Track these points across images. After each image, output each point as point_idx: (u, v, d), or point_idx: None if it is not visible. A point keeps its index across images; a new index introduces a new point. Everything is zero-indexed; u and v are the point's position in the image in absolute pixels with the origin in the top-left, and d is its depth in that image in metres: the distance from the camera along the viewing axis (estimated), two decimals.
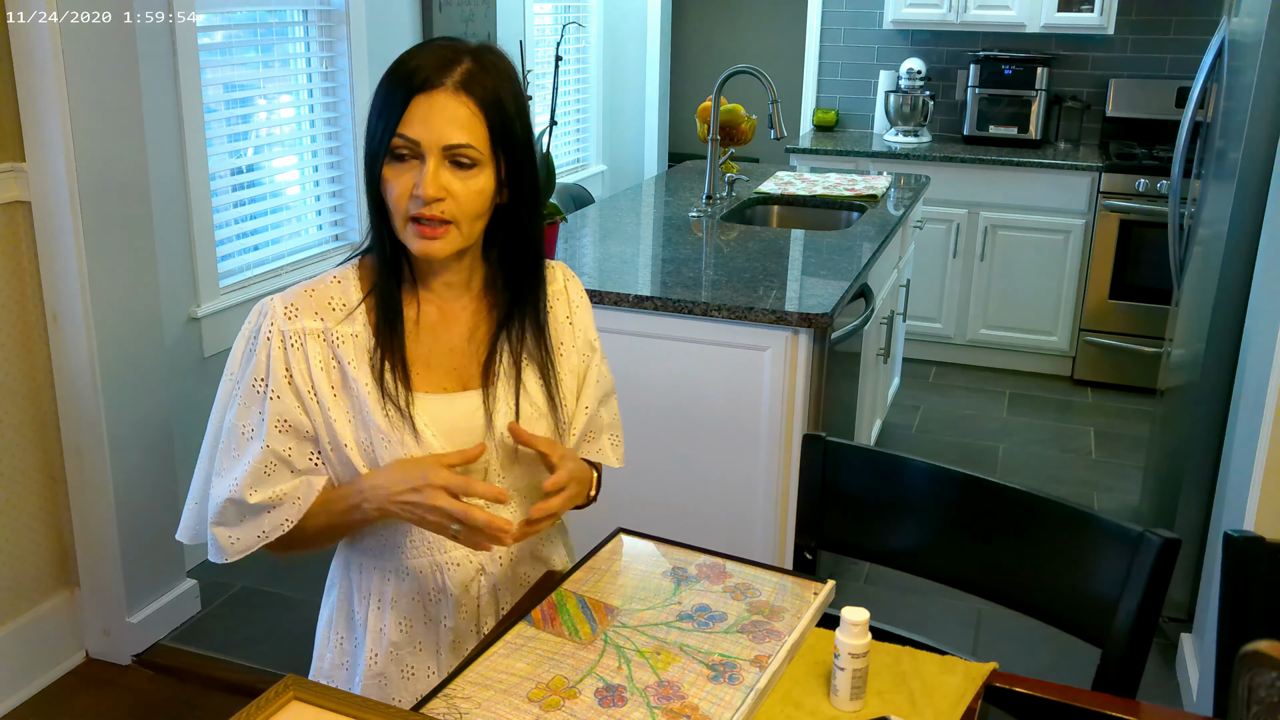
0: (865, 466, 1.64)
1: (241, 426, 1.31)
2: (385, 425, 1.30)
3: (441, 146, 1.24)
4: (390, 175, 1.26)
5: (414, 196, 1.24)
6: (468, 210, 1.27)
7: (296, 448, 1.31)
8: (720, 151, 3.59)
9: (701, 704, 1.15)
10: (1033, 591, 1.49)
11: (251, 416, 1.31)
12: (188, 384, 2.99)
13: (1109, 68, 4.96)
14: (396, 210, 1.27)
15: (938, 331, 4.85)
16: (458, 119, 1.24)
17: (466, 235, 1.29)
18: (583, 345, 1.48)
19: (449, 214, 1.26)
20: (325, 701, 1.13)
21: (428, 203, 1.24)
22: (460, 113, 1.24)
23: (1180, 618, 2.83)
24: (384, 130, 1.25)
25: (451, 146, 1.24)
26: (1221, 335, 2.66)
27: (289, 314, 1.31)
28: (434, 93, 1.24)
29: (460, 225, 1.27)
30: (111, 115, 2.44)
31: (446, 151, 1.24)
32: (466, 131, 1.24)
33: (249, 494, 1.30)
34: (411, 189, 1.25)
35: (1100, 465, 3.91)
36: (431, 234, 1.26)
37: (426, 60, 1.25)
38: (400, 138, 1.24)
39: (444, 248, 1.28)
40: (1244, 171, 2.55)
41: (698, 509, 2.60)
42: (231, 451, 1.32)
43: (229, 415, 1.33)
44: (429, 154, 1.24)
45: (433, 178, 1.24)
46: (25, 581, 2.54)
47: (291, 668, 1.48)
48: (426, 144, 1.24)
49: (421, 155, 1.24)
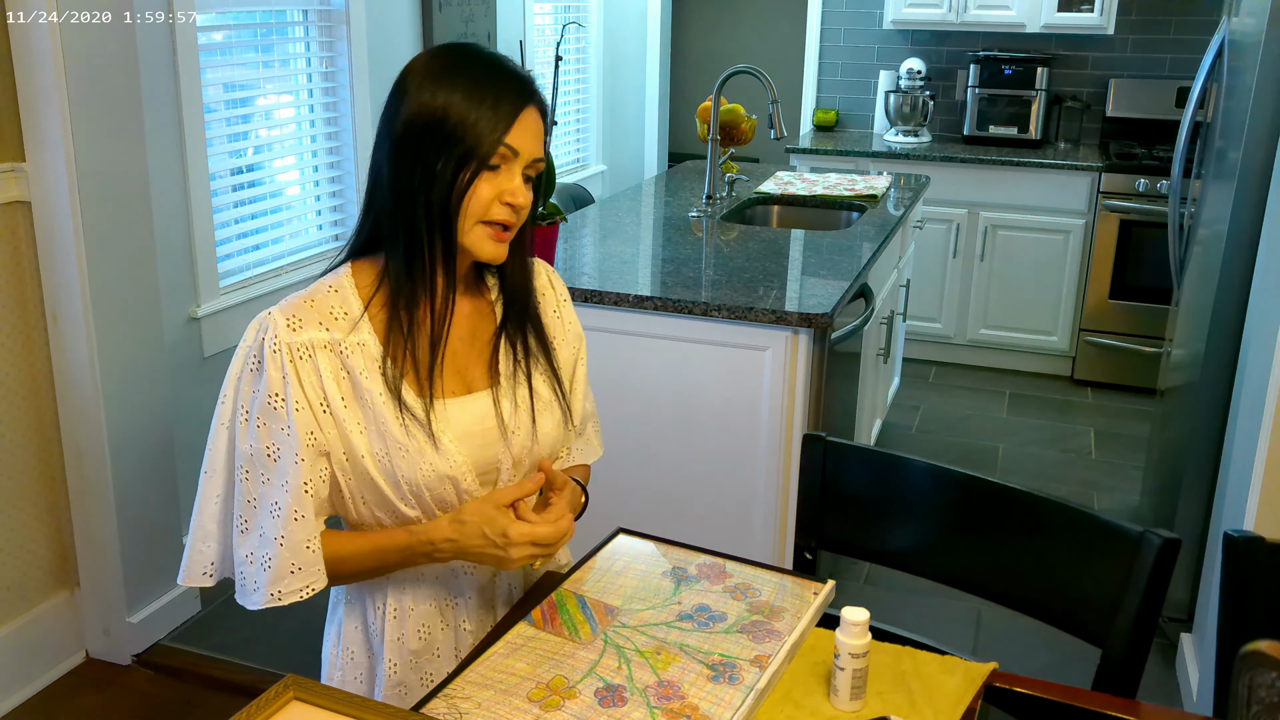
0: (865, 466, 1.64)
1: (266, 448, 1.27)
2: (402, 435, 1.28)
3: (533, 159, 1.30)
4: (484, 185, 1.27)
5: (504, 204, 1.28)
6: (524, 220, 1.33)
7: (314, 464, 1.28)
8: (720, 151, 3.59)
9: (701, 704, 1.15)
10: (1033, 591, 1.49)
11: (275, 435, 1.27)
12: (188, 384, 2.99)
13: (1109, 68, 4.96)
14: (474, 214, 1.28)
15: (938, 331, 4.85)
16: (540, 135, 1.31)
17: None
18: (572, 338, 1.50)
19: (518, 221, 1.32)
20: (325, 701, 1.13)
21: (518, 211, 1.29)
22: (540, 129, 1.31)
23: (1180, 618, 2.83)
24: (490, 137, 1.25)
25: (537, 160, 1.30)
26: (1221, 335, 2.66)
27: (292, 326, 1.28)
28: (531, 109, 1.29)
29: (515, 231, 1.33)
30: (111, 115, 2.44)
31: (532, 165, 1.30)
32: (543, 146, 1.32)
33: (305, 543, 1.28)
34: (497, 196, 1.28)
35: (1100, 465, 3.91)
36: (503, 238, 1.31)
37: (509, 72, 1.29)
38: (507, 147, 1.27)
39: (507, 250, 1.33)
40: (1244, 171, 2.55)
41: (698, 509, 2.60)
42: (259, 478, 1.27)
43: (247, 442, 1.28)
44: (518, 165, 1.28)
45: (523, 189, 1.29)
46: (25, 581, 2.54)
47: (291, 668, 1.48)
48: (525, 155, 1.28)
49: (510, 165, 1.28)
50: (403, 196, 1.27)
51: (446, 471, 1.31)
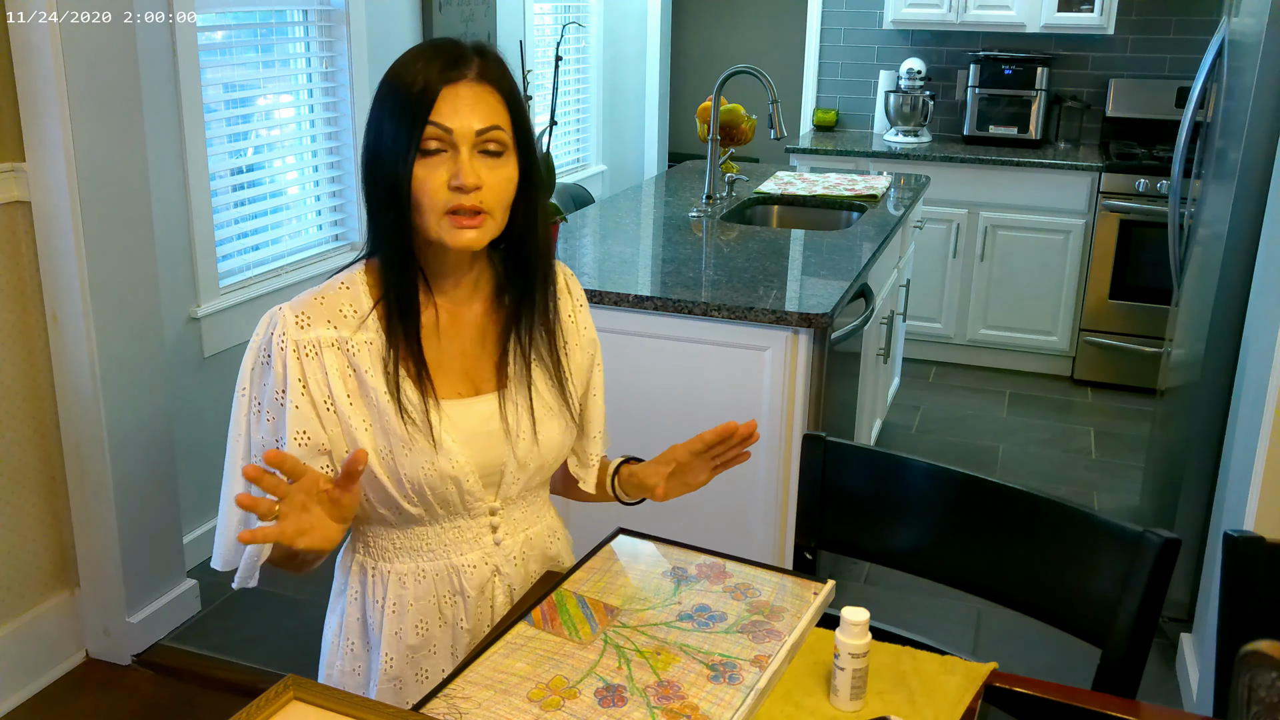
0: (865, 466, 1.64)
1: (277, 441, 1.30)
2: (404, 433, 1.29)
3: (475, 131, 1.24)
4: (423, 172, 1.25)
5: (452, 188, 1.24)
6: (501, 199, 1.28)
7: (312, 462, 1.29)
8: (720, 151, 3.59)
9: (701, 704, 1.15)
10: (1033, 591, 1.49)
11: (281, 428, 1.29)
12: (188, 384, 2.99)
13: (1109, 68, 4.96)
14: (432, 206, 1.25)
15: (938, 331, 4.85)
16: (485, 103, 1.26)
17: (499, 225, 1.30)
18: (586, 343, 1.49)
19: (485, 204, 1.26)
20: (325, 701, 1.13)
21: (467, 191, 1.24)
22: (486, 98, 1.26)
23: (1180, 618, 2.83)
24: (413, 124, 1.24)
25: (484, 130, 1.25)
26: (1221, 335, 2.66)
27: (301, 323, 1.29)
28: (459, 84, 1.25)
29: (494, 215, 1.28)
30: (111, 115, 2.44)
31: (479, 137, 1.25)
32: (495, 115, 1.26)
33: None
34: (447, 181, 1.24)
35: (1100, 465, 3.91)
36: (469, 224, 1.26)
37: (438, 55, 1.26)
38: (434, 124, 1.23)
39: (481, 237, 1.27)
40: (1244, 171, 2.55)
41: (698, 509, 2.59)
42: None
43: (260, 433, 1.30)
44: (461, 144, 1.24)
45: (469, 167, 1.24)
46: (25, 581, 2.54)
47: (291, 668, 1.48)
48: (460, 132, 1.24)
49: (453, 146, 1.24)
50: (371, 197, 1.30)
51: (449, 472, 1.31)
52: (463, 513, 1.37)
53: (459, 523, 1.38)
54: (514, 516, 1.42)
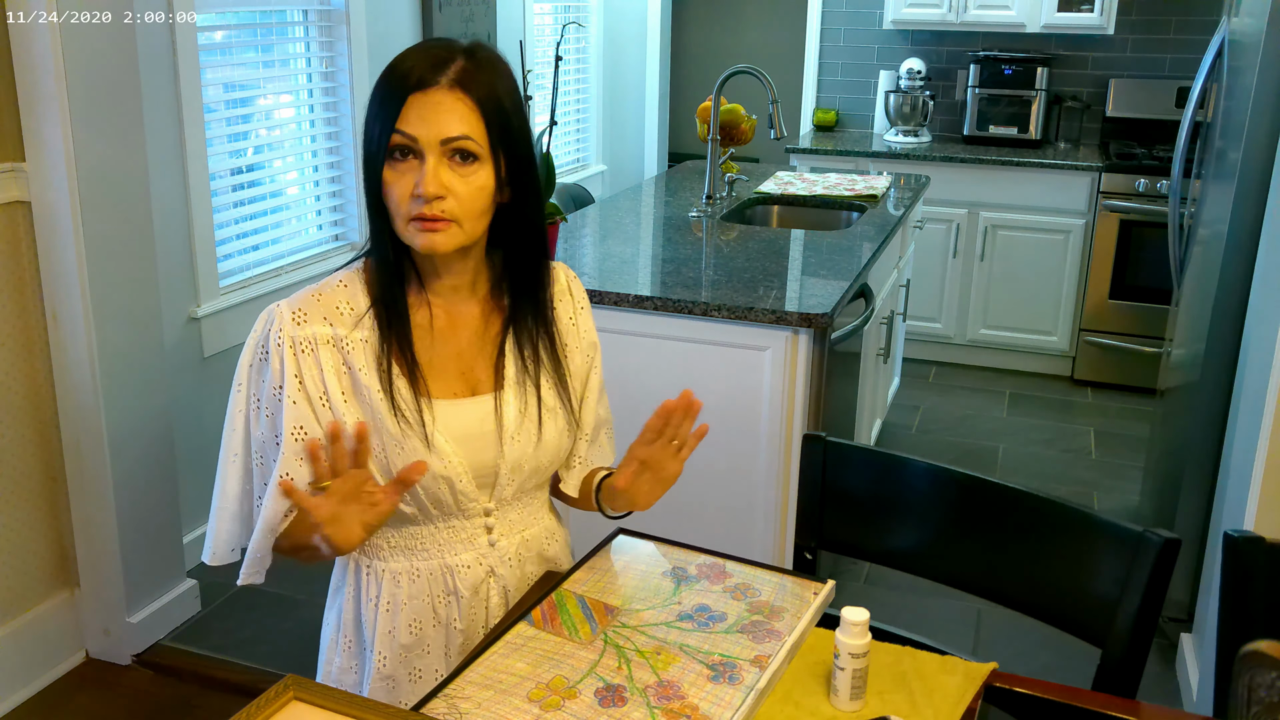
0: (865, 466, 1.64)
1: (276, 437, 1.30)
2: (397, 432, 1.30)
3: (440, 140, 1.23)
4: (390, 177, 1.25)
5: (415, 196, 1.24)
6: (470, 208, 1.26)
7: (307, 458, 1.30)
8: (720, 151, 3.59)
9: (701, 704, 1.15)
10: (1033, 591, 1.49)
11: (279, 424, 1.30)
12: (188, 384, 2.99)
13: (1109, 68, 4.96)
14: (398, 212, 1.26)
15: (938, 331, 4.85)
16: (455, 113, 1.24)
17: (469, 233, 1.28)
18: (586, 346, 1.49)
19: (450, 212, 1.25)
20: (325, 701, 1.13)
21: (429, 200, 1.23)
22: (457, 108, 1.24)
23: (1180, 618, 2.83)
24: (381, 131, 1.24)
25: (450, 139, 1.23)
26: (1221, 335, 2.66)
27: (297, 319, 1.30)
28: (429, 91, 1.23)
29: (463, 223, 1.26)
30: (111, 115, 2.44)
31: (445, 146, 1.23)
32: (464, 124, 1.24)
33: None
34: (412, 189, 1.24)
35: (1100, 465, 3.91)
36: (433, 227, 1.25)
37: (419, 60, 1.25)
38: (399, 133, 1.23)
39: (446, 241, 1.26)
40: (1244, 171, 2.55)
41: (698, 509, 2.59)
42: (270, 463, 1.31)
43: (259, 429, 1.31)
44: (428, 151, 1.23)
45: (433, 175, 1.23)
46: (25, 581, 2.54)
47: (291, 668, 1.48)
48: (425, 140, 1.23)
49: (420, 154, 1.24)
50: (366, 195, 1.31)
51: (441, 471, 1.32)
52: (457, 513, 1.37)
53: (453, 523, 1.38)
54: (509, 518, 1.42)
